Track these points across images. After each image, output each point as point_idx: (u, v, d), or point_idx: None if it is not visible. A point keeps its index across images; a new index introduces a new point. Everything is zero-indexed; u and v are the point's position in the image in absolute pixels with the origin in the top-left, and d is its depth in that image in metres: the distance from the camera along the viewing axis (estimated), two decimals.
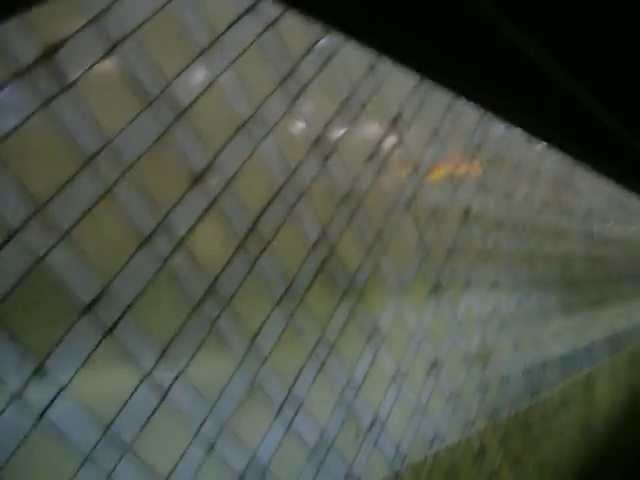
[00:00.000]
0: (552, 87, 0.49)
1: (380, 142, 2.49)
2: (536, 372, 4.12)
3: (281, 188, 1.99)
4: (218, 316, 1.78)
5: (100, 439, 1.48)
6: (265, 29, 1.94)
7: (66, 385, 1.41)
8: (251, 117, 1.89)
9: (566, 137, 0.65)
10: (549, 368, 4.34)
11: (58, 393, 1.40)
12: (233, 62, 1.83)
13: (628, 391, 6.26)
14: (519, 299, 3.79)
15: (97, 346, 1.47)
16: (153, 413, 1.61)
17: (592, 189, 5.13)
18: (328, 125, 2.20)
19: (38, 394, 1.36)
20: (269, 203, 1.95)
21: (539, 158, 4.06)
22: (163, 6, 1.61)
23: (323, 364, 2.19)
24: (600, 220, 5.41)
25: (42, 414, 1.36)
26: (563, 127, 0.60)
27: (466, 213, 3.13)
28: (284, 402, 2.02)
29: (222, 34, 1.80)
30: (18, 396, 1.32)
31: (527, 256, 3.90)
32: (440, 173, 2.93)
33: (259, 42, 1.92)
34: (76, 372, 1.43)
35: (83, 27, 1.44)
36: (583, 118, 0.56)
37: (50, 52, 1.37)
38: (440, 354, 2.92)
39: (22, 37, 1.34)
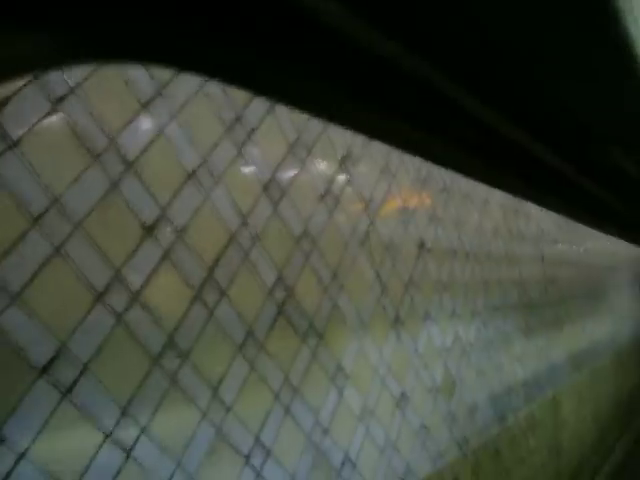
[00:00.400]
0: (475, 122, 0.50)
1: (330, 182, 2.51)
2: (502, 398, 4.14)
3: (234, 234, 1.99)
4: (178, 368, 1.76)
5: None
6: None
7: (25, 451, 1.37)
8: (200, 165, 1.89)
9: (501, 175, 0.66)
10: (514, 393, 4.37)
11: (18, 459, 1.36)
12: (178, 112, 1.84)
13: (594, 409, 6.32)
14: (478, 326, 3.82)
15: (56, 408, 1.44)
16: (118, 473, 1.57)
17: (541, 213, 5.24)
18: (277, 168, 2.22)
19: None
20: (223, 250, 1.94)
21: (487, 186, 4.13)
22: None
23: (289, 408, 2.17)
24: (551, 242, 5.53)
25: None
26: (499, 165, 0.61)
27: (420, 245, 3.17)
28: (251, 450, 2.00)
29: (165, 85, 1.81)
30: None
31: (483, 283, 3.94)
32: (392, 208, 2.96)
33: (204, 90, 1.94)
34: (35, 436, 1.40)
35: (25, 85, 1.43)
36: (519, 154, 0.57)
37: None
38: (405, 388, 2.92)
39: None
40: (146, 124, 1.74)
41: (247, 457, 1.97)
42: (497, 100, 0.47)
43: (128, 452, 1.60)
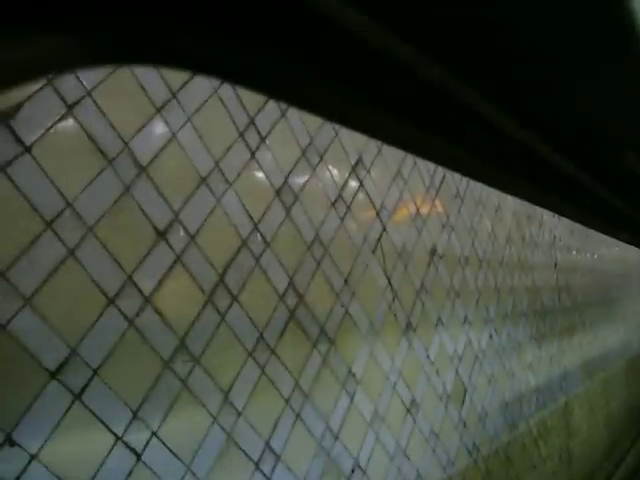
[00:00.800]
0: (493, 129, 0.50)
1: (342, 188, 2.51)
2: (513, 405, 4.11)
3: (246, 239, 1.99)
4: (189, 372, 1.75)
5: None
6: (222, 82, 1.96)
7: (36, 454, 1.38)
8: (213, 170, 1.89)
9: (520, 182, 0.66)
10: (526, 400, 4.35)
11: (29, 463, 1.36)
12: (191, 117, 1.84)
13: (605, 416, 6.28)
14: (490, 334, 3.80)
15: (66, 412, 1.44)
16: (129, 476, 1.57)
17: (554, 219, 5.22)
18: (290, 174, 2.22)
19: (8, 465, 1.33)
20: (235, 255, 1.94)
21: (500, 193, 4.12)
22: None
23: (299, 413, 2.16)
24: (564, 249, 5.49)
25: None
26: (517, 174, 0.61)
27: (432, 252, 3.15)
28: (262, 455, 1.99)
29: (179, 90, 1.81)
30: None
31: (495, 290, 3.92)
32: (404, 214, 2.95)
33: (216, 96, 1.94)
34: (46, 440, 1.40)
35: (39, 90, 1.43)
36: (537, 163, 0.57)
37: (6, 116, 1.37)
38: (416, 394, 2.91)
39: None
40: (159, 128, 1.75)
41: (257, 462, 1.97)
42: (512, 105, 0.47)
43: (139, 455, 1.60)
